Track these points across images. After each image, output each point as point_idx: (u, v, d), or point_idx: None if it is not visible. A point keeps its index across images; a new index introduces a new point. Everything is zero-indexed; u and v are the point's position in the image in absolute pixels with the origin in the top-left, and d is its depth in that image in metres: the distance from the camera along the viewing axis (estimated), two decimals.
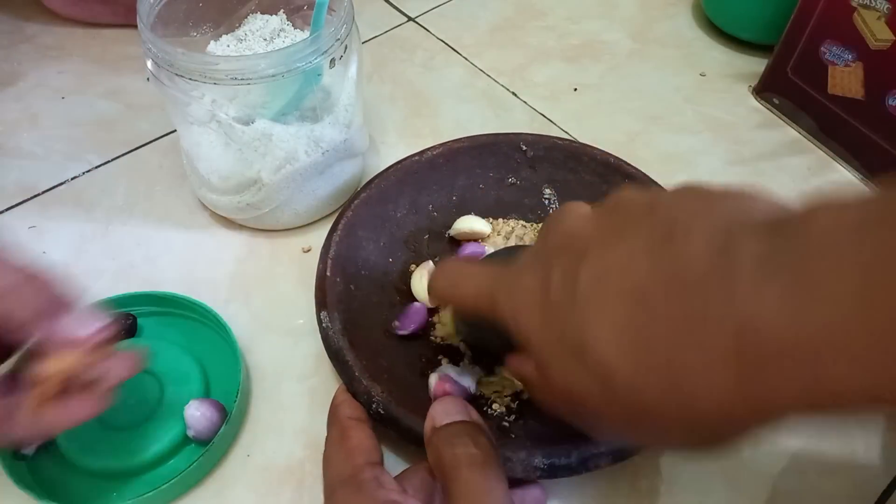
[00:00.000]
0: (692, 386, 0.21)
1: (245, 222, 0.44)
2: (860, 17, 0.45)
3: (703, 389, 0.21)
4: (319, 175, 0.42)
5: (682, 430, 0.22)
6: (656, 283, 0.22)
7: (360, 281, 0.39)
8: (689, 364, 0.21)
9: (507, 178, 0.45)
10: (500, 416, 0.35)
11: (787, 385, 0.19)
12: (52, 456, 0.34)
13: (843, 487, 0.35)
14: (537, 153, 0.44)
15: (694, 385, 0.21)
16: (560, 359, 0.24)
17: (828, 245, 0.19)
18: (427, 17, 0.62)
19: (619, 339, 0.22)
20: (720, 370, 0.20)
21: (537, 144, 0.45)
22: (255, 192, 0.41)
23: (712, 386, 0.20)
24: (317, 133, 0.40)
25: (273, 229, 0.44)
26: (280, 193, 0.41)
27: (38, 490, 0.32)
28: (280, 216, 0.43)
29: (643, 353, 0.21)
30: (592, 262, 0.23)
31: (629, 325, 0.22)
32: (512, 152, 0.45)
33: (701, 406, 0.21)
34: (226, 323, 0.37)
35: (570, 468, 0.31)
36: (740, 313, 0.20)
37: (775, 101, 0.54)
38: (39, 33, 0.58)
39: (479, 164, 0.44)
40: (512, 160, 0.45)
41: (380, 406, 0.32)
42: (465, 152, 0.44)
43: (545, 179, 0.45)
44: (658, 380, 0.21)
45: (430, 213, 0.44)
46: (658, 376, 0.21)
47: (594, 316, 0.23)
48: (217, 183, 0.42)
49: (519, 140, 0.45)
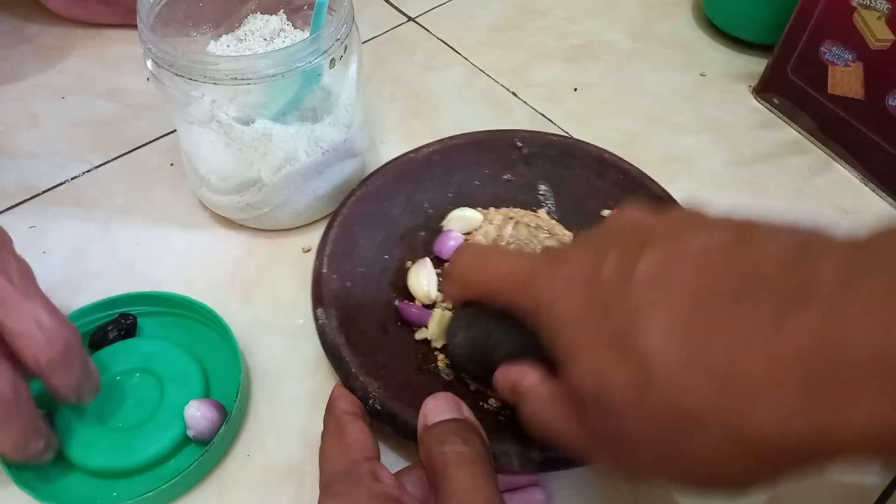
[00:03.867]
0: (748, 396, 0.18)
1: (245, 222, 0.44)
2: (860, 17, 0.45)
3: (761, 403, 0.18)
4: (319, 175, 0.42)
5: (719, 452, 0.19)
6: (728, 280, 0.20)
7: (356, 278, 0.39)
8: (750, 371, 0.18)
9: (503, 175, 0.45)
10: (496, 411, 0.35)
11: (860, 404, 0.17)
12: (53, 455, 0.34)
13: (843, 487, 0.35)
14: (532, 149, 0.45)
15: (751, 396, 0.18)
16: (597, 346, 0.21)
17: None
18: (427, 17, 0.62)
19: (673, 330, 0.20)
20: (787, 383, 0.18)
21: (532, 141, 0.45)
22: (255, 192, 0.41)
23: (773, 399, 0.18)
24: (317, 133, 0.40)
25: (273, 229, 0.44)
26: (280, 193, 0.41)
27: (38, 489, 0.32)
28: (280, 216, 0.43)
29: (698, 350, 0.19)
30: (658, 248, 0.21)
31: (688, 318, 0.20)
32: (507, 149, 0.45)
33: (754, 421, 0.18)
34: (225, 323, 0.37)
35: (567, 461, 0.31)
36: (818, 324, 0.18)
37: (775, 101, 0.54)
38: (39, 33, 0.58)
39: (475, 161, 0.44)
40: (507, 157, 0.45)
41: (376, 402, 0.32)
42: (461, 149, 0.44)
43: (540, 175, 0.45)
44: (709, 382, 0.19)
45: (426, 210, 0.44)
46: (710, 378, 0.19)
47: (650, 302, 0.20)
48: (217, 183, 0.42)
49: (514, 136, 0.45)
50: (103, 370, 0.34)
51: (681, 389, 0.19)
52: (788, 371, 0.18)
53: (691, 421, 0.19)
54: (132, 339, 0.38)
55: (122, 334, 0.37)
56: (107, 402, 0.34)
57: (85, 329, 0.37)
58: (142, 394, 0.35)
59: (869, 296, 0.17)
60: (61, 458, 0.33)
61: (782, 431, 0.18)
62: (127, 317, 0.38)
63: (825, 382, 0.17)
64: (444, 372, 0.37)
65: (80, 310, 0.38)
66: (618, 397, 0.21)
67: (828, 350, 0.17)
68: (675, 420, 0.20)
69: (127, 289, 0.39)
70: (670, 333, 0.20)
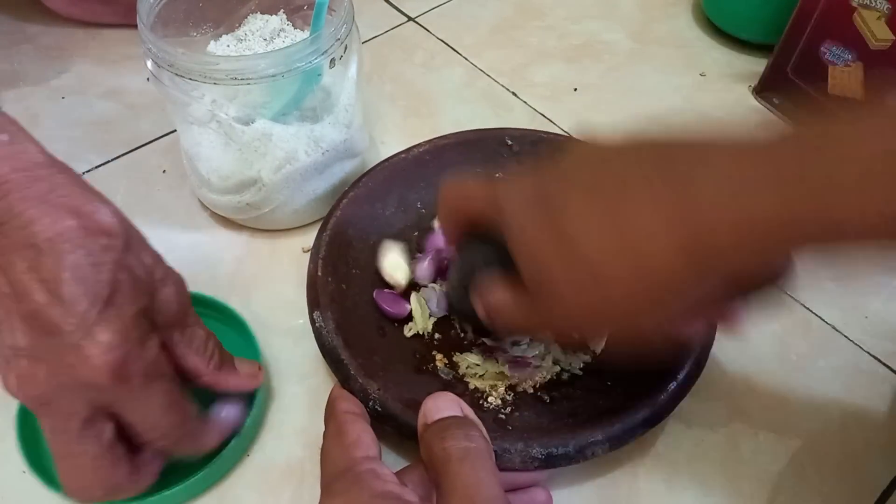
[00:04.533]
0: (647, 254, 0.26)
1: (245, 222, 0.44)
2: (860, 17, 0.45)
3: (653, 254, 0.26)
4: (319, 175, 0.42)
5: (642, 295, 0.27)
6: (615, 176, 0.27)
7: (351, 280, 0.39)
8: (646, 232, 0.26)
9: (494, 173, 0.45)
10: (496, 409, 0.35)
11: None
12: None
13: (843, 487, 0.35)
14: (523, 147, 0.45)
15: (648, 253, 0.26)
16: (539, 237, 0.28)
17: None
18: (427, 17, 0.62)
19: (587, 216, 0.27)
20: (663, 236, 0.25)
21: (523, 139, 0.45)
22: (256, 192, 0.41)
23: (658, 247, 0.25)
24: (317, 133, 0.40)
25: (273, 229, 0.44)
26: (280, 193, 0.41)
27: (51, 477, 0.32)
28: (280, 216, 0.43)
29: (613, 239, 0.26)
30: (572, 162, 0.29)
31: (594, 206, 0.27)
32: (498, 147, 0.45)
33: (653, 267, 0.26)
34: (251, 330, 0.37)
35: (568, 457, 0.31)
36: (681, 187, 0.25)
37: (775, 101, 0.54)
38: (40, 33, 0.58)
39: (466, 160, 0.44)
40: (498, 155, 0.45)
41: (376, 403, 0.32)
42: (452, 148, 0.44)
43: None
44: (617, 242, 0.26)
45: (418, 210, 0.44)
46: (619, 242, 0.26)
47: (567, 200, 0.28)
48: (217, 183, 0.42)
49: (504, 135, 0.45)
50: None
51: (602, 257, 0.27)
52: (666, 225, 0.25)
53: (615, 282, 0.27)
54: None
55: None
56: None
57: None
58: None
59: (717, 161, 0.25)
60: None
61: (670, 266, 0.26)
62: None
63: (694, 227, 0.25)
64: (443, 372, 0.37)
65: None
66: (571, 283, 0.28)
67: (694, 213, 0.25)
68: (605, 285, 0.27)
69: None
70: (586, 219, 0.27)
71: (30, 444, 0.33)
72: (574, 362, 0.37)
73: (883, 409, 0.38)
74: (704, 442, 0.36)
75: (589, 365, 0.37)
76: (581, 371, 0.37)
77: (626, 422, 0.32)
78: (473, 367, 0.37)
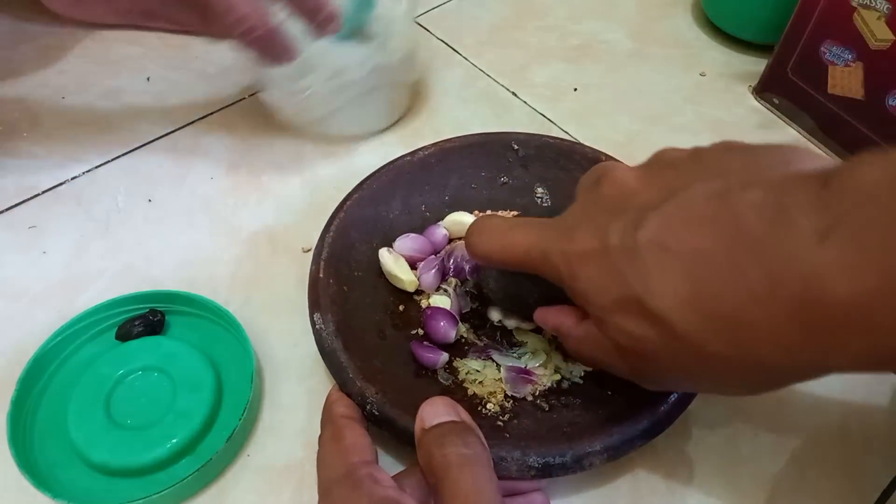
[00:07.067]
0: (757, 340, 0.23)
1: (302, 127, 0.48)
2: (860, 17, 0.45)
3: (768, 344, 0.23)
4: (367, 94, 0.46)
5: (742, 377, 0.25)
6: (717, 238, 0.23)
7: (353, 282, 0.39)
8: (754, 319, 0.22)
9: (500, 178, 0.45)
10: (494, 416, 0.35)
11: (852, 341, 0.21)
12: (59, 443, 0.34)
13: (843, 487, 0.35)
14: (529, 152, 0.45)
15: (759, 339, 0.23)
16: (623, 312, 0.26)
17: (874, 198, 0.21)
18: (427, 16, 0.62)
19: (680, 291, 0.24)
20: (785, 326, 0.22)
21: (529, 143, 0.45)
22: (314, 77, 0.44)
23: (777, 340, 0.22)
24: (368, 54, 0.44)
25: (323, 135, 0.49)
26: (329, 103, 0.45)
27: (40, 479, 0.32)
28: (333, 124, 0.48)
29: (707, 306, 0.23)
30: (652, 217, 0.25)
31: (691, 279, 0.24)
32: (504, 151, 0.45)
33: (765, 359, 0.23)
34: (247, 336, 0.37)
35: (565, 467, 0.31)
36: (803, 272, 0.21)
37: (775, 101, 0.54)
38: (40, 33, 0.58)
39: (471, 164, 0.44)
40: (504, 159, 0.45)
41: (374, 407, 0.32)
42: (457, 152, 0.44)
43: (537, 178, 0.45)
44: (723, 332, 0.23)
45: (422, 214, 0.43)
46: (722, 328, 0.23)
47: (655, 269, 0.24)
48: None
49: (510, 139, 0.45)
50: (126, 363, 0.36)
51: (700, 341, 0.24)
52: (787, 315, 0.22)
53: (714, 360, 0.24)
54: (158, 337, 0.38)
55: (147, 330, 0.38)
56: (122, 395, 0.35)
57: (115, 319, 0.38)
58: (155, 394, 0.35)
59: (841, 244, 0.21)
60: (68, 445, 0.33)
61: (788, 364, 0.23)
62: (156, 313, 0.38)
63: (818, 325, 0.21)
64: (442, 377, 0.37)
65: (114, 300, 0.38)
66: (650, 349, 0.26)
67: (816, 294, 0.21)
68: (701, 360, 0.24)
69: (127, 289, 0.39)
70: (678, 296, 0.24)
71: (19, 444, 0.33)
72: (575, 370, 0.37)
73: (883, 410, 0.38)
74: (704, 442, 0.36)
75: (589, 373, 0.37)
76: (581, 379, 0.37)
77: (625, 432, 0.32)
78: (473, 374, 0.37)
